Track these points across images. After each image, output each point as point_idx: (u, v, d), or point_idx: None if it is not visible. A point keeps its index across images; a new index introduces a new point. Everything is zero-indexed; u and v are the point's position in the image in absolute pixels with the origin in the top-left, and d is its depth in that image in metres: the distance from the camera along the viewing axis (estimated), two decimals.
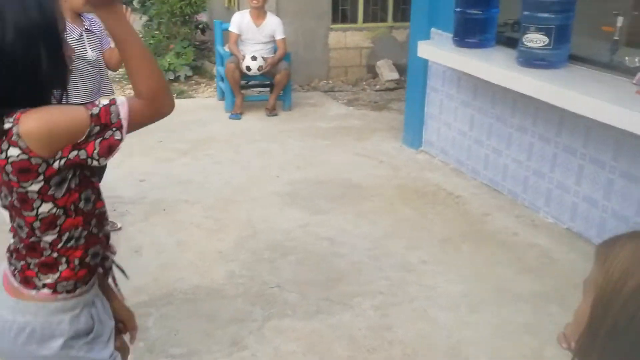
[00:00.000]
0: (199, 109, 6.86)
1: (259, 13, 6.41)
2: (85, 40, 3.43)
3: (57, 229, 1.34)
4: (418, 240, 3.85)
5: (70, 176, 1.30)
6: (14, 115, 1.22)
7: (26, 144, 1.21)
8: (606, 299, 0.99)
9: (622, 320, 0.97)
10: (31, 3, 1.24)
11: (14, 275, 1.40)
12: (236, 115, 6.49)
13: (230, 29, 6.49)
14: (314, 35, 7.95)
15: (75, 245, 1.38)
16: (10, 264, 1.42)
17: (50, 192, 1.28)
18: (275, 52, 6.50)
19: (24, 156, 1.22)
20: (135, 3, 9.85)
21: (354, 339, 2.87)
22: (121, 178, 4.72)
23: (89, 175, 1.37)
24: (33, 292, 1.39)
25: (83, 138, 1.21)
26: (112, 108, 1.23)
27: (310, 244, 3.77)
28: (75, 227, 1.36)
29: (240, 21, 6.44)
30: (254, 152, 5.44)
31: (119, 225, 3.92)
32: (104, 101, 1.26)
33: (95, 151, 1.23)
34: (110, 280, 1.62)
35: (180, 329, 2.93)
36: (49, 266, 1.37)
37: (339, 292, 3.25)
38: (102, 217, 1.46)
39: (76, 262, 1.39)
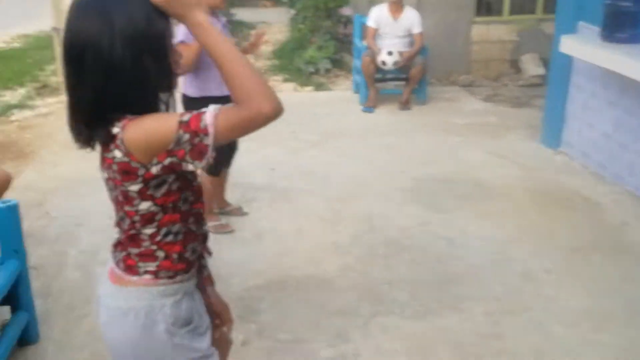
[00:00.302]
0: (334, 102, 6.97)
1: (397, 7, 6.36)
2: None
3: (156, 224, 1.42)
4: (544, 247, 3.64)
5: (170, 179, 1.37)
6: (122, 122, 1.31)
7: (128, 150, 1.30)
8: None
9: None
10: (138, 14, 1.30)
11: (118, 265, 1.50)
12: (369, 109, 6.52)
13: (367, 23, 6.51)
14: (455, 28, 7.74)
15: (174, 240, 1.46)
16: (114, 256, 1.52)
17: (149, 192, 1.37)
18: (412, 45, 6.42)
19: (126, 159, 1.31)
20: None
21: (460, 344, 2.79)
22: (255, 166, 4.94)
23: (190, 179, 1.45)
24: (135, 278, 1.47)
25: (172, 145, 1.27)
26: (203, 116, 1.27)
27: (427, 243, 3.71)
28: (172, 223, 1.43)
29: (378, 15, 6.44)
30: (381, 145, 5.43)
31: (246, 211, 4.11)
32: (203, 110, 1.30)
33: (187, 156, 1.28)
34: (206, 277, 1.69)
35: (290, 315, 3.02)
36: (148, 256, 1.45)
37: (450, 295, 3.17)
38: (199, 217, 1.53)
39: (175, 255, 1.47)
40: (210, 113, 1.27)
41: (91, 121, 1.34)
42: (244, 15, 14.67)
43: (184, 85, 3.58)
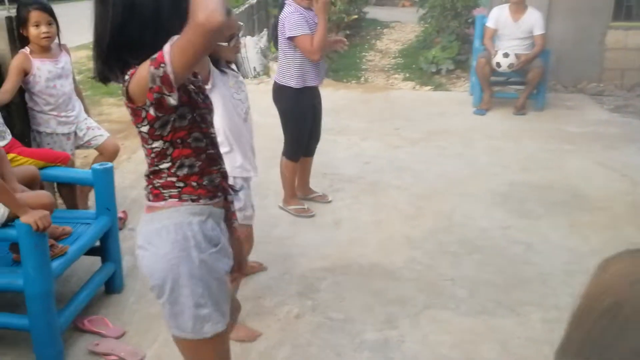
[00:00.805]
0: (447, 102, 6.93)
1: (518, 7, 6.20)
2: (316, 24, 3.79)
3: (169, 158, 1.59)
4: None
5: (172, 119, 1.53)
6: (131, 71, 1.49)
7: (130, 96, 1.50)
8: (583, 312, 0.96)
9: (593, 335, 0.93)
10: None
11: (148, 198, 1.68)
12: (481, 111, 6.42)
13: (487, 23, 6.41)
14: (588, 33, 7.35)
15: (190, 173, 1.62)
16: (145, 191, 1.70)
17: (157, 133, 1.55)
18: (532, 48, 6.22)
19: (132, 104, 1.52)
20: None
21: (507, 346, 2.75)
22: (348, 158, 5.11)
23: (198, 121, 1.60)
24: (162, 203, 1.63)
25: (150, 82, 1.42)
26: (165, 48, 1.40)
27: (502, 247, 3.65)
28: (185, 157, 1.60)
29: (498, 16, 6.31)
30: (485, 148, 5.35)
31: (330, 199, 4.28)
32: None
33: (163, 89, 1.42)
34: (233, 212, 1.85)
35: (346, 297, 3.14)
36: (170, 186, 1.63)
37: (511, 298, 3.11)
38: (213, 157, 1.68)
39: (194, 184, 1.63)
40: (167, 43, 1.40)
41: (108, 59, 1.53)
42: (379, 14, 14.87)
43: (284, 78, 3.80)
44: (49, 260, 2.42)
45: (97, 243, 2.99)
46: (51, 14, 3.26)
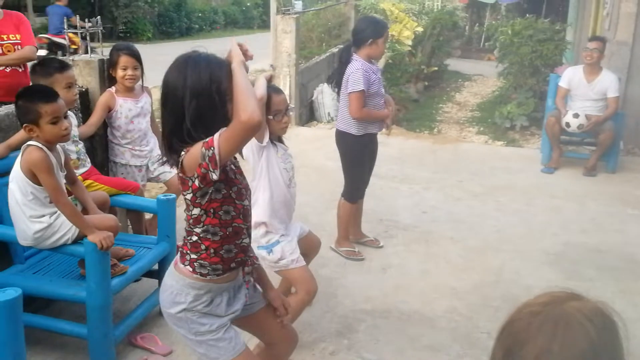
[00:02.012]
0: (516, 158, 6.94)
1: (593, 69, 6.19)
2: (379, 78, 4.01)
3: (202, 224, 1.93)
4: None
5: (211, 191, 1.85)
6: (185, 149, 1.82)
7: (182, 167, 1.84)
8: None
9: None
10: (204, 75, 1.81)
11: (178, 251, 2.05)
12: (549, 169, 6.39)
13: (560, 83, 6.43)
14: None
15: (212, 239, 1.94)
16: (180, 247, 2.07)
17: (197, 201, 1.88)
18: (605, 110, 6.17)
19: (183, 174, 1.86)
20: (495, 52, 10.33)
21: None
22: (407, 207, 5.24)
23: (233, 197, 1.92)
24: (181, 266, 2.01)
25: (200, 159, 1.75)
26: (215, 135, 1.73)
27: None
28: (212, 226, 1.92)
29: (571, 76, 6.32)
30: (545, 207, 5.34)
31: (381, 244, 4.42)
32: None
33: (209, 166, 1.75)
34: (249, 279, 2.12)
35: (382, 340, 3.26)
36: (195, 246, 1.97)
37: None
38: (239, 230, 1.98)
39: (212, 250, 1.96)
40: (217, 132, 1.73)
41: (170, 147, 1.87)
42: (463, 67, 14.99)
43: (346, 125, 4.03)
44: (109, 277, 2.72)
45: (156, 267, 3.28)
46: (138, 59, 3.67)
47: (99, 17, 4.25)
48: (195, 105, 1.79)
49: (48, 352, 2.97)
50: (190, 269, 1.98)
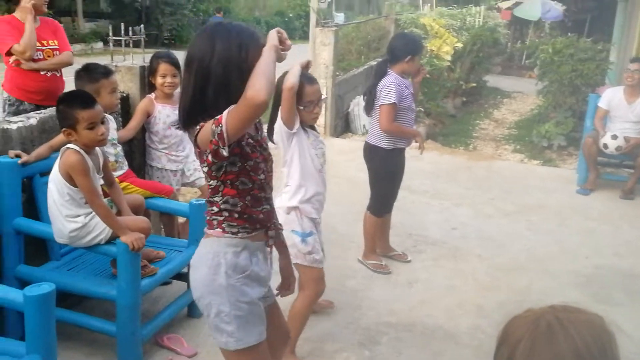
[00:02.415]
0: (551, 178, 6.86)
1: (634, 91, 6.10)
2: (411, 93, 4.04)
3: (220, 194, 1.95)
4: None
5: (225, 164, 1.88)
6: (200, 124, 1.85)
7: (198, 143, 1.87)
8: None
9: None
10: (234, 43, 1.83)
11: (206, 225, 2.05)
12: (584, 191, 6.30)
13: (599, 103, 6.34)
14: None
15: (232, 209, 1.96)
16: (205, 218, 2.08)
17: (213, 174, 1.91)
18: None
19: (198, 149, 1.90)
20: (535, 70, 10.24)
21: None
22: (437, 222, 5.24)
23: (249, 170, 1.93)
24: (211, 231, 2.00)
25: (211, 136, 1.78)
26: (224, 112, 1.75)
27: None
28: (230, 196, 1.94)
29: (611, 97, 6.24)
30: (578, 228, 5.27)
31: (409, 259, 4.44)
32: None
33: (219, 143, 1.77)
34: (273, 245, 2.15)
35: (404, 353, 3.27)
36: (217, 216, 1.98)
37: None
38: (258, 198, 2.00)
39: (236, 215, 1.97)
40: (227, 109, 1.76)
41: (190, 114, 1.89)
42: (503, 84, 14.87)
43: (376, 139, 4.07)
44: (139, 278, 2.81)
45: (186, 269, 3.36)
46: (177, 66, 3.78)
47: (142, 25, 4.39)
48: (222, 72, 1.82)
49: (78, 347, 3.08)
50: (221, 230, 1.97)
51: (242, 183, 1.95)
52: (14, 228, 2.90)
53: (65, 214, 2.71)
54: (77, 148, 2.66)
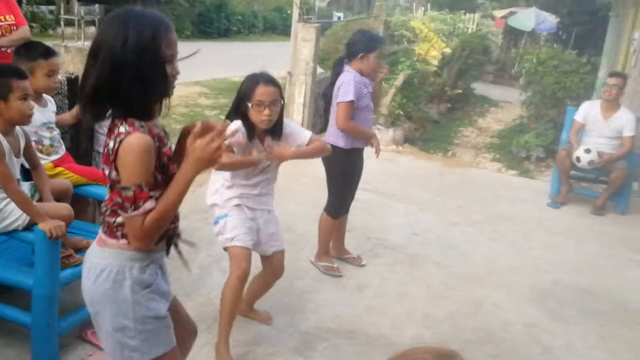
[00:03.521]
0: (524, 189, 6.77)
1: (611, 105, 6.00)
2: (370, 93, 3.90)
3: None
4: None
5: None
6: (129, 127, 1.69)
7: (116, 154, 1.71)
8: None
9: None
10: (147, 32, 1.68)
11: (103, 230, 1.88)
12: (555, 204, 6.20)
13: (575, 116, 6.24)
14: None
15: None
16: (102, 224, 1.91)
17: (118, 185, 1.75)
18: (619, 148, 5.97)
19: (112, 157, 1.72)
20: (521, 80, 10.15)
21: None
22: (399, 227, 5.12)
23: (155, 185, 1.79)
24: (114, 241, 1.83)
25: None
26: (140, 203, 1.72)
27: (520, 344, 3.50)
28: None
29: (587, 111, 6.14)
30: (543, 242, 5.17)
31: (364, 262, 4.31)
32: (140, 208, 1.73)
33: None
34: (174, 251, 2.01)
35: None
36: (124, 226, 1.80)
37: None
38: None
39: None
40: (142, 208, 1.71)
41: (88, 103, 1.73)
42: (492, 92, 14.79)
43: (334, 138, 3.94)
44: (59, 267, 2.66)
45: None
46: None
47: (97, 5, 4.24)
48: (136, 61, 1.68)
49: None
50: (126, 242, 1.81)
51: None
52: None
53: None
54: None
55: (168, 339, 1.93)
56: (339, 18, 20.40)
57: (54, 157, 3.23)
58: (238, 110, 2.87)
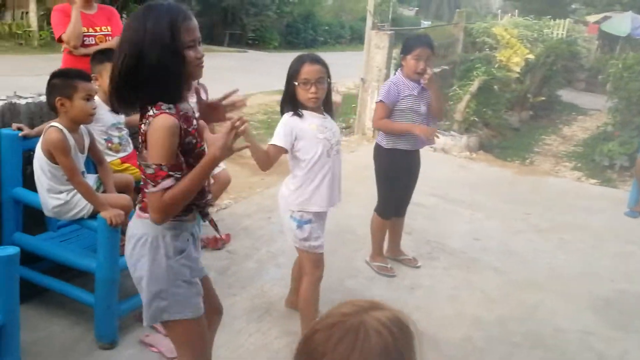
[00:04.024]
0: (602, 198, 6.54)
1: None
2: (420, 96, 3.93)
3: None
4: None
5: None
6: (157, 110, 1.89)
7: (146, 133, 1.92)
8: None
9: None
10: (164, 26, 1.86)
11: (138, 206, 2.11)
12: (633, 213, 5.95)
13: None
14: None
15: None
16: (137, 200, 2.16)
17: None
18: None
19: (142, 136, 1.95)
20: (608, 86, 9.75)
21: None
22: (460, 232, 5.10)
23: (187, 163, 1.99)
24: (147, 214, 2.02)
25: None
26: (161, 180, 1.91)
27: (572, 351, 3.43)
28: None
29: None
30: (615, 251, 4.98)
31: (419, 264, 4.34)
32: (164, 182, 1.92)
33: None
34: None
35: None
36: None
37: None
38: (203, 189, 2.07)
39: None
40: (160, 185, 1.88)
41: (117, 92, 1.94)
42: (582, 100, 14.22)
43: (380, 137, 4.04)
44: (118, 253, 2.91)
45: None
46: None
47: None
48: (155, 53, 1.86)
49: (66, 315, 3.22)
50: None
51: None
52: (12, 197, 3.08)
53: (48, 189, 2.86)
54: (60, 126, 2.81)
55: (197, 306, 2.12)
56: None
57: (122, 154, 3.52)
58: (287, 91, 2.95)
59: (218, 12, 23.04)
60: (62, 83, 2.82)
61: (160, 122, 1.87)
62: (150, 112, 1.91)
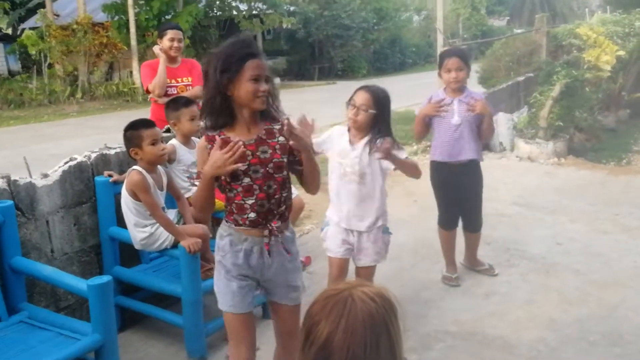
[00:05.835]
0: None
1: None
2: (456, 106, 4.02)
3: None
4: None
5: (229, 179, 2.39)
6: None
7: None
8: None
9: None
10: (218, 63, 2.26)
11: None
12: None
13: None
14: None
15: (227, 208, 2.46)
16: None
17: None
18: None
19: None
20: None
21: None
22: (542, 237, 5.08)
23: (233, 187, 2.37)
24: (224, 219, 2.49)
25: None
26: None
27: None
28: (227, 199, 2.44)
29: None
30: None
31: (496, 272, 4.39)
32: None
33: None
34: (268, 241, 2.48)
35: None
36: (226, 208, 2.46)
37: None
38: (241, 206, 2.39)
39: (228, 213, 2.44)
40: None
41: (210, 115, 2.35)
42: None
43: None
44: (199, 277, 3.27)
45: None
46: None
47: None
48: (209, 89, 2.31)
49: (162, 338, 3.61)
50: (225, 220, 2.49)
51: (229, 190, 2.40)
52: (109, 235, 3.54)
53: (134, 224, 3.28)
54: (140, 169, 3.23)
55: (236, 304, 2.45)
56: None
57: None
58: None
59: (306, 49, 23.91)
60: (131, 135, 3.26)
61: (198, 144, 2.50)
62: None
